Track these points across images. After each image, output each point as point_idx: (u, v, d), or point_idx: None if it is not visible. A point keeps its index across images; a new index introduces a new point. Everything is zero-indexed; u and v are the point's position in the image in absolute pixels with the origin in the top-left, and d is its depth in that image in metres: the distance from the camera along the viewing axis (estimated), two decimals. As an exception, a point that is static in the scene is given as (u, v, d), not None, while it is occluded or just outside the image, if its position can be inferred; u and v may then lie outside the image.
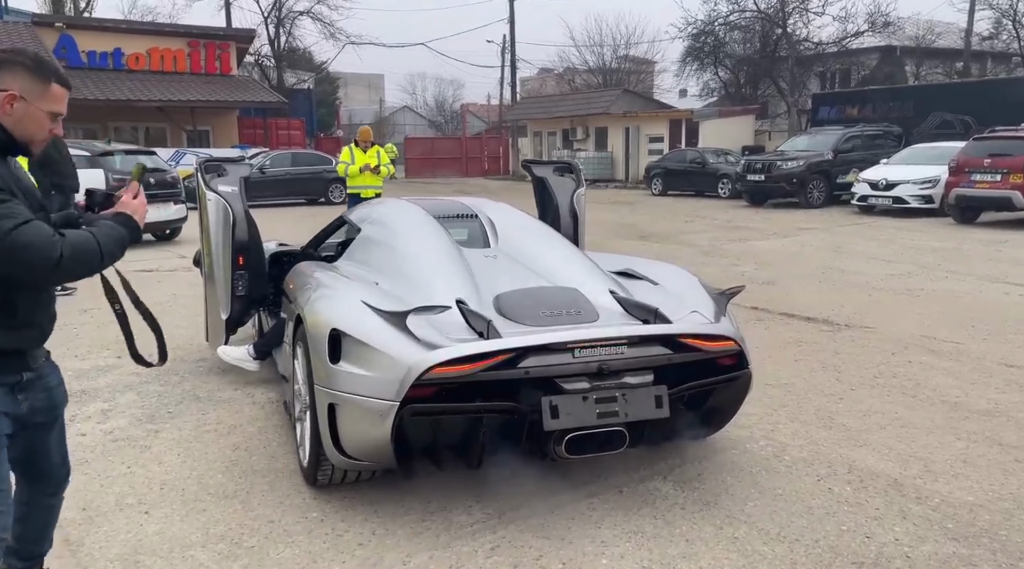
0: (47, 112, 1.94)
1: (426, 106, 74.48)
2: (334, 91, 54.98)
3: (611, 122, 29.92)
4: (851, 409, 4.23)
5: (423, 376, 2.72)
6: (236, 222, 4.62)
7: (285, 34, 34.77)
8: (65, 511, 2.92)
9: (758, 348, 5.42)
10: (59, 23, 24.77)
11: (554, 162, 5.79)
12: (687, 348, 3.07)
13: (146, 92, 23.68)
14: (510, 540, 2.82)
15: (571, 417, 2.84)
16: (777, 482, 3.31)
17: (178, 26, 28.41)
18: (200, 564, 2.64)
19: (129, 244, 2.05)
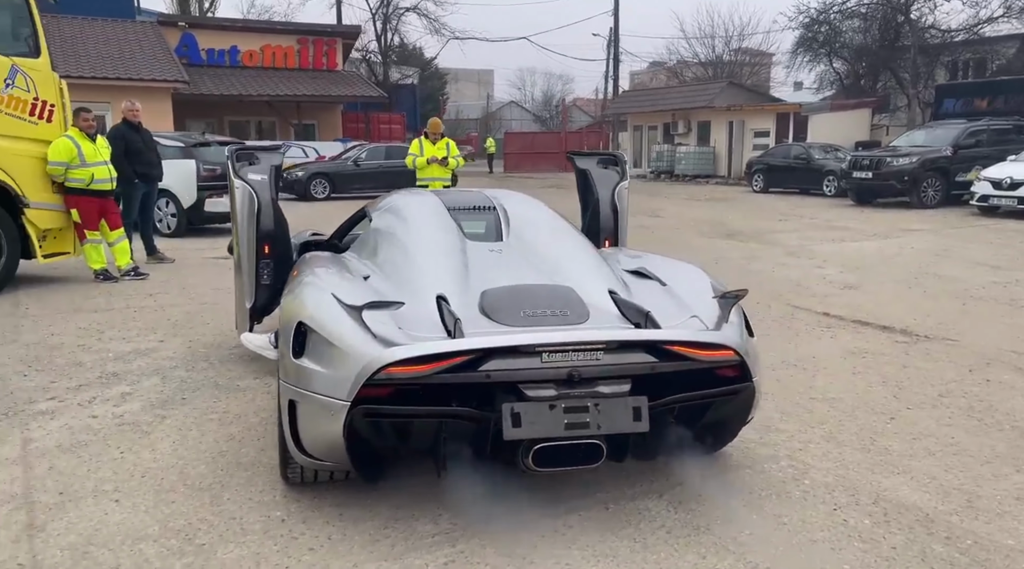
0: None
1: (533, 101, 74.75)
2: (442, 87, 55.96)
3: (714, 116, 28.88)
4: (900, 431, 3.77)
5: (375, 376, 2.56)
6: (261, 210, 4.61)
7: (391, 30, 35.54)
8: (43, 494, 2.97)
9: (815, 358, 5.02)
10: (182, 23, 26.23)
11: (599, 153, 5.51)
12: (675, 356, 2.77)
13: (257, 87, 24.73)
14: (468, 555, 2.62)
15: (535, 427, 2.60)
16: (785, 509, 2.95)
17: (289, 24, 29.57)
18: (146, 559, 2.58)
19: None
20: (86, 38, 22.27)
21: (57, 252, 7.61)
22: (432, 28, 37.39)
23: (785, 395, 4.32)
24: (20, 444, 3.54)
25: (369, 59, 35.63)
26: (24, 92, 7.15)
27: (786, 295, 7.19)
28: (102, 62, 20.98)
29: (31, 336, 5.51)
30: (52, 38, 21.40)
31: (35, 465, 3.31)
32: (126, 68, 20.97)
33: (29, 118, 7.21)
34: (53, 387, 4.37)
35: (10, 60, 7.03)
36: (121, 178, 8.36)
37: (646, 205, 17.43)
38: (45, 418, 3.88)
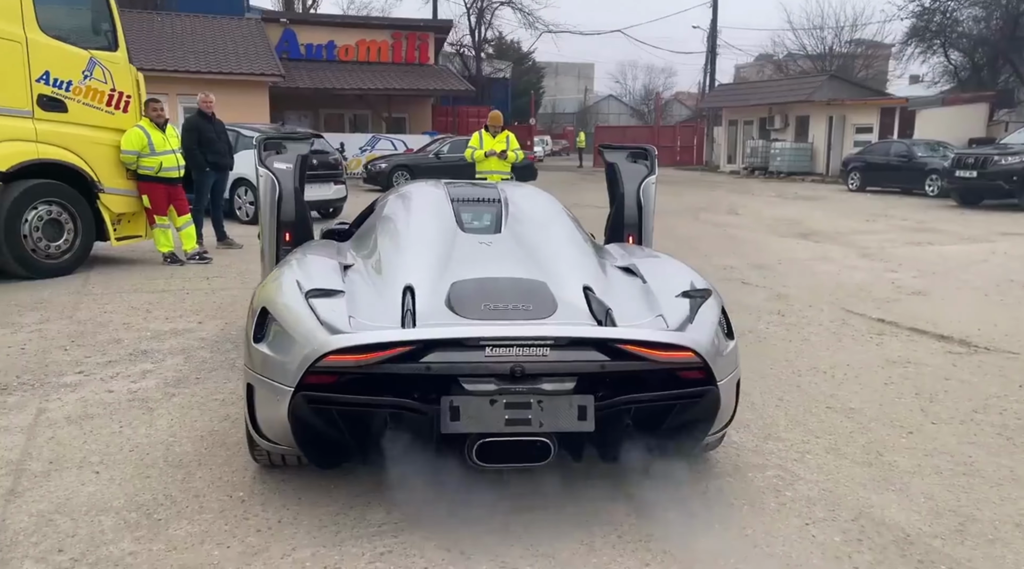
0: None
1: (632, 95, 73.77)
2: (538, 81, 55.96)
3: (813, 110, 27.69)
4: (914, 446, 3.50)
5: (318, 363, 2.58)
6: (283, 198, 4.72)
7: (485, 25, 35.78)
8: (34, 462, 3.15)
9: (848, 366, 4.74)
10: (283, 19, 27.25)
11: (630, 147, 5.36)
12: (629, 356, 2.66)
13: (351, 81, 25.43)
14: (406, 547, 2.60)
15: (475, 421, 2.56)
16: (753, 521, 2.79)
17: (384, 19, 30.25)
18: (101, 530, 2.69)
19: None
20: (195, 34, 23.47)
21: (129, 235, 8.07)
22: (526, 22, 37.34)
23: (801, 403, 4.09)
24: (35, 414, 3.77)
25: (463, 53, 36.02)
26: (101, 83, 7.60)
27: (844, 299, 6.81)
28: (207, 57, 22.07)
29: (85, 313, 5.86)
30: (163, 34, 22.76)
31: (39, 434, 3.51)
32: (228, 63, 21.98)
33: (106, 108, 7.65)
34: (85, 362, 4.63)
35: (88, 53, 7.48)
36: (193, 166, 8.78)
37: (727, 202, 16.92)
38: (66, 390, 4.11)
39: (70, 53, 7.33)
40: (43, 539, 2.62)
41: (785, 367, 4.76)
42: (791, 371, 4.68)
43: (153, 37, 22.77)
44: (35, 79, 7.03)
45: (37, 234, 7.17)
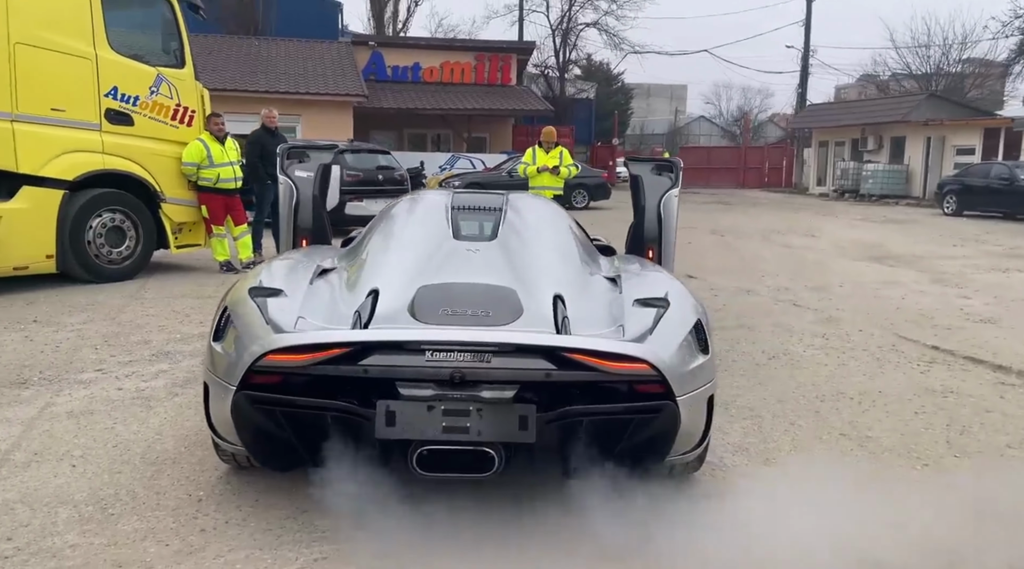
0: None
1: (724, 116, 72.39)
2: (626, 102, 55.68)
3: (910, 131, 26.37)
4: (924, 480, 3.18)
5: (258, 362, 2.56)
6: (300, 205, 4.80)
7: (570, 46, 35.88)
8: (20, 453, 3.25)
9: (880, 393, 4.42)
10: (372, 42, 28.10)
11: (657, 160, 5.19)
12: (578, 366, 2.52)
13: (433, 101, 25.93)
14: (343, 554, 2.53)
15: (410, 427, 2.48)
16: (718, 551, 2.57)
17: (468, 41, 30.79)
18: (54, 521, 2.74)
19: None
20: (288, 57, 24.51)
21: (189, 244, 8.41)
22: (612, 43, 37.20)
23: (814, 429, 3.81)
24: (41, 407, 3.91)
25: (547, 74, 36.20)
26: (167, 99, 7.98)
27: (900, 324, 6.36)
28: (296, 79, 22.98)
29: (128, 316, 6.11)
30: (259, 58, 23.81)
31: (36, 427, 3.64)
32: (316, 84, 22.81)
33: (170, 122, 8.02)
34: (108, 360, 4.80)
35: (156, 70, 7.87)
36: (255, 179, 9.09)
37: (806, 224, 16.26)
38: (79, 387, 4.26)
39: (138, 70, 7.73)
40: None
41: (809, 391, 4.46)
42: (814, 396, 4.38)
43: (250, 60, 23.93)
44: (103, 94, 7.44)
45: (100, 240, 7.54)
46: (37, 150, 6.98)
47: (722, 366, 5.03)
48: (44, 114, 7.00)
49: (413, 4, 36.59)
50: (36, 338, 5.34)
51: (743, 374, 4.83)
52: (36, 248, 7.09)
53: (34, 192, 7.02)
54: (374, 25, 34.73)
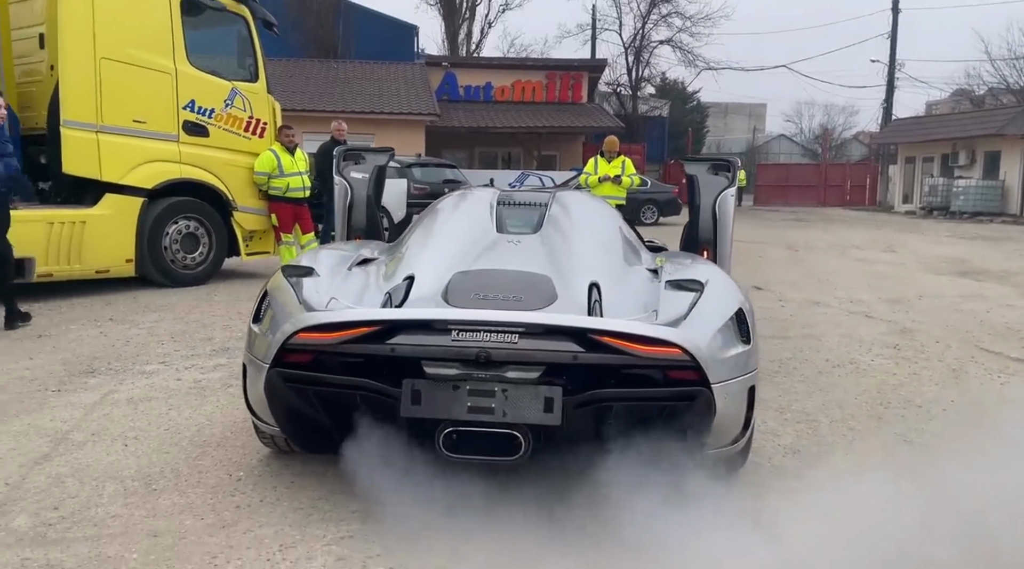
0: None
1: (805, 134, 70.63)
2: (702, 120, 54.96)
3: (1006, 145, 25.06)
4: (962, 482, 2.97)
5: (290, 340, 2.60)
6: (354, 205, 4.89)
7: (643, 64, 35.69)
8: (79, 433, 3.40)
9: (953, 402, 4.20)
10: (445, 63, 28.65)
11: (712, 158, 5.07)
12: (607, 348, 2.46)
13: (503, 120, 26.22)
14: (368, 534, 2.53)
15: (435, 406, 2.46)
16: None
17: (539, 60, 31.04)
18: (100, 494, 2.84)
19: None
20: (364, 78, 25.25)
21: (258, 251, 8.69)
22: (686, 60, 36.80)
23: (875, 435, 3.65)
24: (104, 394, 4.08)
25: (619, 92, 36.09)
26: (241, 111, 8.30)
27: (982, 337, 6.01)
28: (371, 99, 23.63)
29: (196, 316, 6.33)
30: (337, 79, 24.55)
31: (97, 411, 3.79)
32: (390, 104, 23.40)
33: (243, 133, 8.34)
34: (172, 354, 4.98)
35: (231, 84, 8.21)
36: (326, 189, 9.32)
37: (888, 240, 15.63)
38: (141, 377, 4.43)
39: (214, 83, 8.07)
40: (47, 497, 2.80)
41: (873, 399, 4.24)
42: (879, 403, 4.16)
43: (328, 82, 24.76)
44: (182, 106, 7.79)
45: (176, 246, 7.87)
46: (119, 160, 7.35)
47: (781, 372, 4.88)
48: (126, 125, 7.37)
49: (486, 26, 37.16)
50: (110, 334, 5.59)
51: (803, 381, 4.65)
52: (117, 252, 7.45)
53: (116, 199, 7.39)
54: (448, 46, 35.37)
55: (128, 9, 7.36)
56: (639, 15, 35.34)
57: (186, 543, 2.48)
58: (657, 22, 35.85)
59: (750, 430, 2.77)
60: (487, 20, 37.34)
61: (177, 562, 2.36)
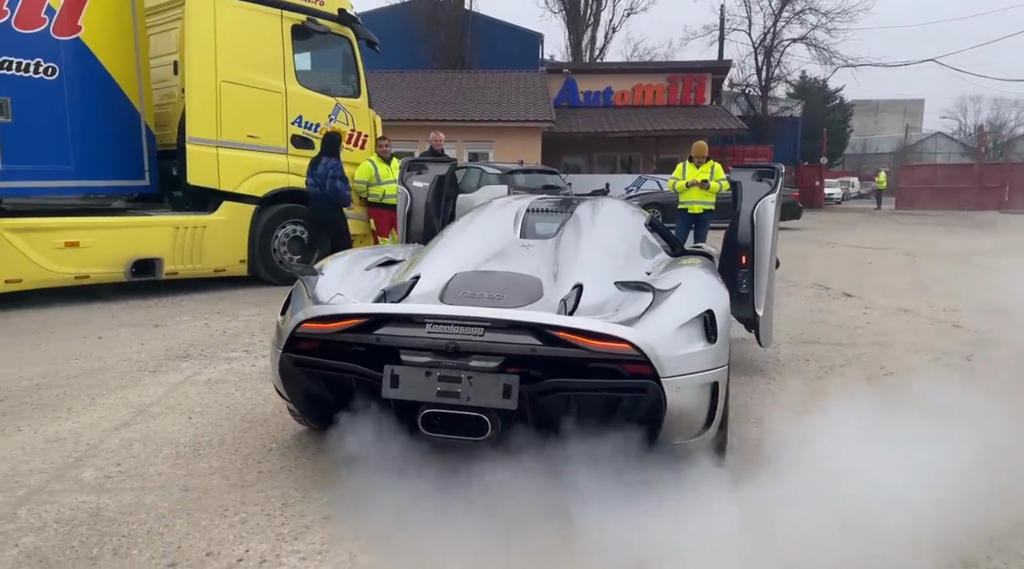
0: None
1: (966, 131, 65.65)
2: (845, 119, 52.35)
3: None
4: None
5: (297, 329, 3.01)
6: (413, 212, 5.32)
7: (774, 63, 34.56)
8: (156, 406, 4.00)
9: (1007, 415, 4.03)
10: (565, 70, 29.01)
11: (758, 166, 5.11)
12: (563, 343, 2.70)
13: (622, 124, 26.23)
14: (359, 499, 2.88)
15: (410, 389, 2.80)
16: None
17: (660, 63, 30.79)
18: (156, 455, 3.37)
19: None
20: (486, 88, 26.06)
21: (359, 254, 9.36)
22: (822, 58, 35.26)
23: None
24: (188, 375, 4.71)
25: (747, 93, 35.12)
26: (343, 125, 9.01)
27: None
28: (491, 107, 24.36)
29: (290, 312, 7.00)
30: (459, 89, 25.45)
31: (178, 389, 4.41)
32: (508, 112, 24.03)
33: (346, 145, 9.04)
34: (256, 344, 5.60)
35: (335, 100, 8.94)
36: (422, 196, 9.91)
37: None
38: (224, 362, 5.05)
39: (320, 100, 8.83)
40: (114, 456, 3.36)
41: (908, 406, 4.18)
42: (913, 409, 4.10)
43: (452, 92, 25.74)
44: (290, 122, 8.59)
45: (283, 248, 8.66)
46: (235, 171, 8.21)
47: (826, 377, 4.86)
48: (241, 140, 8.22)
49: (610, 31, 37.24)
50: (212, 325, 6.33)
51: (846, 386, 4.63)
52: (232, 254, 8.31)
53: (232, 206, 8.25)
54: (571, 53, 35.74)
55: (245, 36, 8.20)
56: (770, 13, 34.36)
57: (208, 497, 2.94)
58: (790, 19, 34.68)
59: (714, 424, 2.92)
60: (611, 25, 37.51)
61: (196, 511, 2.82)
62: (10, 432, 3.66)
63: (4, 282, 6.84)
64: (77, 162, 7.48)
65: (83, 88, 7.45)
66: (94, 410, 4.01)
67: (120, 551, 2.53)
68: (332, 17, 8.85)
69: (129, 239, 7.57)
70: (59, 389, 4.39)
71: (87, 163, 7.56)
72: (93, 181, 7.75)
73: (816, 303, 7.88)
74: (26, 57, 7.01)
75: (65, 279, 7.21)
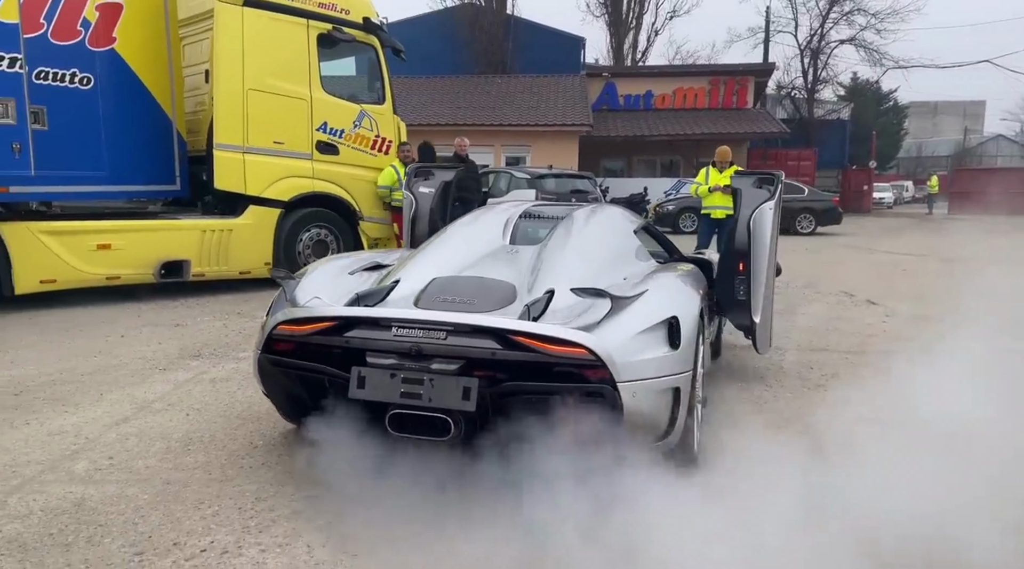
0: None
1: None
2: (899, 122, 51.12)
3: None
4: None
5: (274, 331, 3.13)
6: (418, 217, 5.43)
7: (820, 65, 33.93)
8: (158, 403, 4.17)
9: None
10: (605, 74, 28.99)
11: (759, 173, 5.09)
12: (522, 347, 2.77)
13: (661, 128, 26.09)
14: (333, 494, 2.98)
15: (374, 390, 2.89)
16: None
17: (701, 66, 30.54)
18: (148, 449, 3.53)
19: None
20: (525, 92, 26.19)
21: (383, 257, 9.54)
22: (871, 59, 34.46)
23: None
24: (196, 374, 4.90)
25: (793, 95, 34.55)
26: (368, 131, 9.20)
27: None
28: (528, 111, 24.47)
29: (308, 313, 7.18)
30: (498, 94, 25.55)
31: (183, 387, 4.58)
32: (546, 116, 24.11)
33: (370, 151, 9.24)
34: (267, 345, 5.76)
35: (359, 106, 9.14)
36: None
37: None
38: (233, 362, 5.23)
39: (345, 107, 9.03)
40: (108, 449, 3.53)
41: (893, 419, 4.13)
42: (905, 421, 4.05)
43: (491, 97, 25.93)
44: (315, 128, 8.80)
45: (308, 252, 8.88)
46: (261, 176, 8.44)
47: (824, 386, 4.82)
48: (267, 146, 8.46)
49: (652, 34, 37.02)
50: (230, 326, 6.54)
51: (838, 396, 4.58)
52: (258, 256, 8.55)
53: (258, 211, 8.49)
54: (613, 57, 35.65)
55: (272, 46, 8.43)
56: (817, 15, 33.76)
57: (187, 490, 3.08)
58: (837, 21, 34.03)
59: (676, 429, 2.95)
60: (653, 28, 37.39)
61: (173, 503, 2.96)
62: (19, 425, 3.87)
63: (39, 282, 7.16)
64: (111, 168, 7.79)
65: (117, 97, 7.76)
66: (100, 405, 4.20)
67: (94, 539, 2.67)
68: (357, 26, 9.04)
69: (158, 241, 7.86)
70: (72, 385, 4.61)
71: (120, 169, 7.87)
72: (126, 186, 8.06)
73: (836, 310, 7.77)
74: (62, 68, 7.33)
75: (97, 280, 7.52)
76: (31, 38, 6.94)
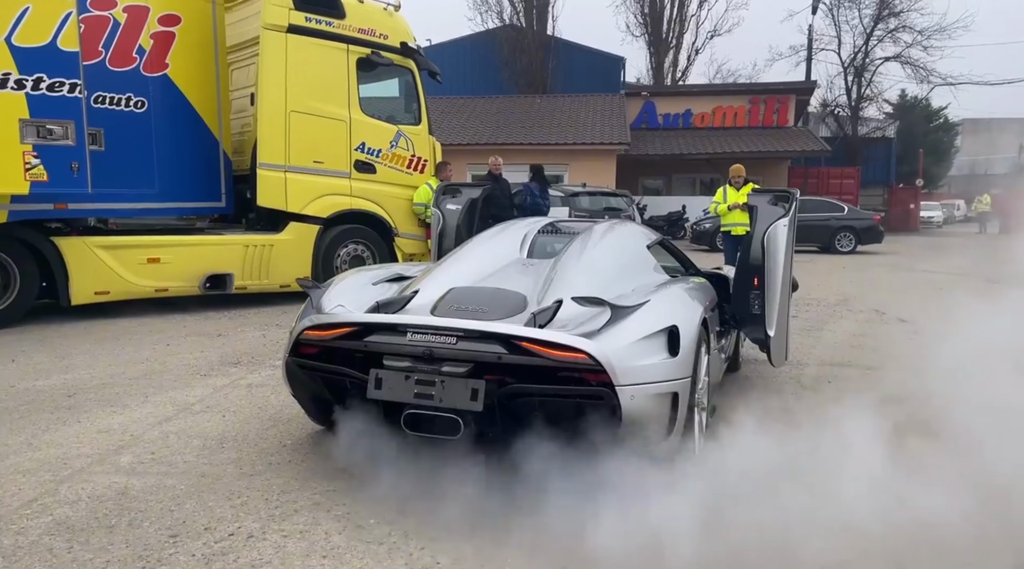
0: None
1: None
2: (950, 139, 50.20)
3: None
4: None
5: (301, 336, 3.38)
6: (445, 233, 5.68)
7: (865, 82, 33.58)
8: (198, 405, 4.47)
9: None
10: (644, 92, 29.14)
11: (775, 190, 5.21)
12: (526, 352, 2.96)
13: (700, 146, 26.13)
14: (355, 487, 3.21)
15: (391, 391, 3.11)
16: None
17: (742, 85, 30.45)
18: (186, 446, 3.81)
19: None
20: (564, 111, 26.50)
21: (417, 273, 9.82)
22: (918, 76, 33.99)
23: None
24: (234, 379, 5.19)
25: (836, 113, 34.23)
26: (404, 151, 9.53)
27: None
28: (566, 131, 24.74)
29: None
30: (538, 114, 25.92)
31: (222, 391, 4.87)
32: (584, 135, 24.35)
33: (406, 170, 9.56)
34: (302, 354, 6.05)
35: (396, 127, 9.48)
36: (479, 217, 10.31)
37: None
38: (268, 369, 5.51)
39: (382, 128, 9.37)
40: (151, 445, 3.81)
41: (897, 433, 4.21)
42: (908, 435, 4.13)
43: (531, 116, 26.28)
44: (354, 148, 9.15)
45: (345, 267, 9.20)
46: (301, 194, 8.81)
47: (838, 400, 4.90)
48: (307, 165, 8.82)
49: (693, 53, 37.07)
50: (268, 336, 6.86)
51: (852, 408, 4.66)
52: (297, 271, 8.86)
53: (298, 227, 8.85)
54: (653, 76, 35.78)
55: (314, 70, 8.82)
56: (861, 32, 33.47)
57: (220, 483, 3.33)
58: (882, 38, 33.69)
59: (675, 433, 3.11)
60: (693, 47, 37.41)
61: (207, 493, 3.21)
62: (71, 423, 4.19)
63: (94, 293, 7.59)
64: (161, 186, 8.24)
65: (168, 119, 8.22)
66: (145, 406, 4.51)
67: (135, 523, 2.93)
68: (395, 50, 9.40)
69: (203, 256, 8.26)
70: (121, 388, 4.93)
71: (170, 187, 8.32)
72: (175, 203, 8.52)
73: (864, 327, 7.79)
74: (118, 92, 7.81)
75: (146, 292, 7.93)
76: (90, 65, 7.41)
